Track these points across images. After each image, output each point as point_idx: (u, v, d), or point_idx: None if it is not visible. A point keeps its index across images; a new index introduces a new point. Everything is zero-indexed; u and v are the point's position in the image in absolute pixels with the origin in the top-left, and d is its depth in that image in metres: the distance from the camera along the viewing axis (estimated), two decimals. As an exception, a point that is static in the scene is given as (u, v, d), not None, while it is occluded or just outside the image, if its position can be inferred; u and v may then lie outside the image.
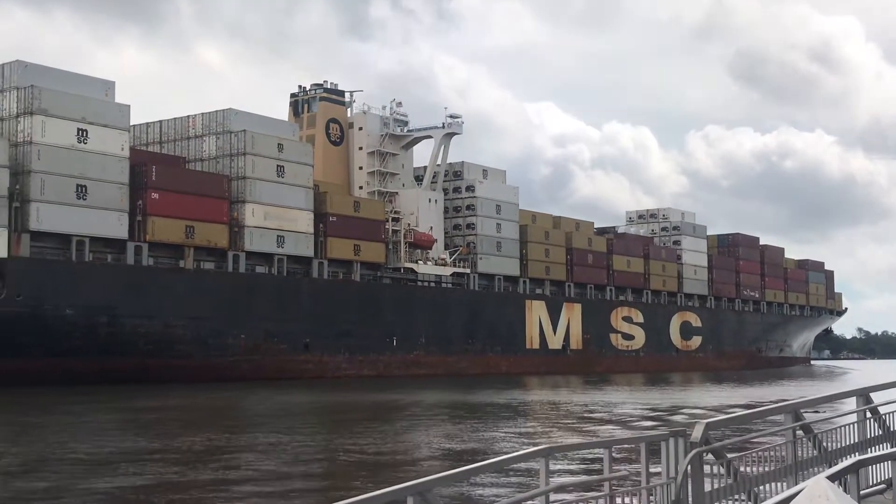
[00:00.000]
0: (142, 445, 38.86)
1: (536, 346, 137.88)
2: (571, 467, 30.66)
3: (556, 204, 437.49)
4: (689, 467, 12.20)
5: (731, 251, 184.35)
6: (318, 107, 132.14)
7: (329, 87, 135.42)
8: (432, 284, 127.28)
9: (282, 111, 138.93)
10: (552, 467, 11.43)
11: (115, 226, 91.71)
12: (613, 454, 13.17)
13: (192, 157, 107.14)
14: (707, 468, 12.75)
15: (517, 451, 13.03)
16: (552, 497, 11.39)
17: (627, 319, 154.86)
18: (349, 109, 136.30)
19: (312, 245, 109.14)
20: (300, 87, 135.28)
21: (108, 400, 66.48)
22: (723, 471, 13.14)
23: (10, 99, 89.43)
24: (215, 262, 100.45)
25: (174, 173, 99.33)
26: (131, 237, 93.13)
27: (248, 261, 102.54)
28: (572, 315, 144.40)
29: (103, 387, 78.72)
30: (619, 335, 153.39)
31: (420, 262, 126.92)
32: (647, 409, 62.19)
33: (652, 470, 13.26)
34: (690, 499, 12.33)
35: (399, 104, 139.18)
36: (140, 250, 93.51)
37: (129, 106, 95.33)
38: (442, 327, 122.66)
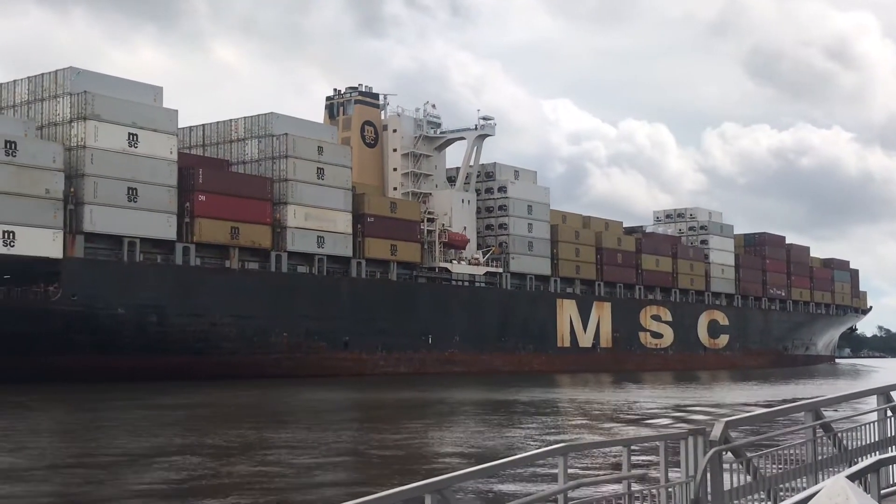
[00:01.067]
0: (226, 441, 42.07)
1: (567, 344, 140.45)
2: (591, 466, 31.14)
3: (573, 202, 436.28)
4: (708, 466, 12.24)
5: (758, 250, 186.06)
6: (353, 109, 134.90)
7: (364, 90, 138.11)
8: (466, 284, 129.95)
9: (296, 107, 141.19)
10: (571, 466, 12.05)
11: (164, 227, 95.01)
12: (633, 452, 13.20)
13: (235, 160, 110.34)
14: (726, 467, 12.70)
15: (537, 448, 13.15)
16: (570, 495, 11.31)
17: (656, 318, 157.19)
18: (383, 112, 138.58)
19: (351, 245, 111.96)
20: (335, 90, 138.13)
21: (162, 396, 69.45)
22: (742, 470, 13.08)
23: (63, 104, 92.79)
24: (259, 262, 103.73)
25: (220, 176, 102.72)
26: (179, 238, 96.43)
27: (289, 261, 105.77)
28: (602, 314, 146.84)
29: (153, 383, 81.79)
30: (648, 333, 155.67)
31: (454, 261, 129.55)
32: (671, 406, 63.45)
33: (671, 470, 13.20)
34: (710, 498, 12.32)
35: (433, 106, 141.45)
36: (188, 251, 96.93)
37: (176, 111, 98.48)
38: (476, 326, 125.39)
